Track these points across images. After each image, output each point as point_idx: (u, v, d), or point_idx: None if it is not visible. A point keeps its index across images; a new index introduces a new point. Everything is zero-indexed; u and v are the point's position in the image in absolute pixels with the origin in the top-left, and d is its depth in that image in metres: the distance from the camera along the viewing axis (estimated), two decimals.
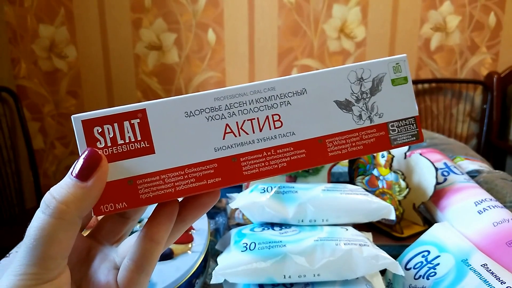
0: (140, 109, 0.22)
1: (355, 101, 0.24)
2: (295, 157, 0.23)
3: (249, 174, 0.23)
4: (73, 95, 1.74)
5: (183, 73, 1.74)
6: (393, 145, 0.24)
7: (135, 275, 0.23)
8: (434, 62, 1.76)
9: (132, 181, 0.22)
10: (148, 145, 0.22)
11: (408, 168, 0.60)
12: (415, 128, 0.25)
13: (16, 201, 1.54)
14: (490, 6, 1.70)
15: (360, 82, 0.24)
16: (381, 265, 0.40)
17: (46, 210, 0.20)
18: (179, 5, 1.67)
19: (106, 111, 0.22)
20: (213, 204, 0.25)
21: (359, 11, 1.71)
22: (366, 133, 0.24)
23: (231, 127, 0.23)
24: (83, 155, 0.21)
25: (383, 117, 0.24)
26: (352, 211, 0.46)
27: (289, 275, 0.40)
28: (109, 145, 0.22)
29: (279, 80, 0.24)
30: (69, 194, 0.20)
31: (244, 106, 0.23)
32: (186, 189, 0.22)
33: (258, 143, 0.23)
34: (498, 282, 0.37)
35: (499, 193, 0.57)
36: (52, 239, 0.20)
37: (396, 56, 0.25)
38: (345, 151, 0.24)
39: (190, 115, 0.23)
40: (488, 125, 1.73)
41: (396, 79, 0.25)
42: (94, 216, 0.22)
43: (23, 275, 0.20)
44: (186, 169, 0.22)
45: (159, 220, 0.23)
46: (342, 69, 0.24)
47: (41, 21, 1.65)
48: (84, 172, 0.21)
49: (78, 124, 0.22)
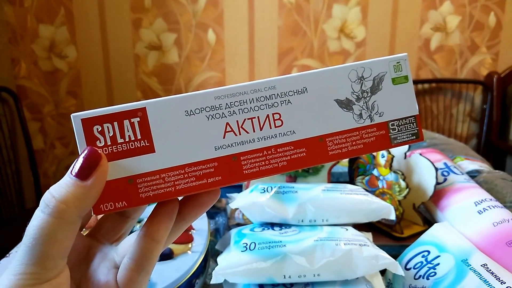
0: (140, 107, 0.22)
1: (355, 100, 0.24)
2: (295, 156, 0.23)
3: (250, 173, 0.23)
4: (73, 95, 1.74)
5: (183, 73, 1.74)
6: (393, 144, 0.24)
7: (135, 274, 0.23)
8: (434, 62, 1.76)
9: (132, 180, 0.22)
10: (148, 144, 0.22)
11: (408, 168, 0.60)
12: (415, 127, 0.25)
13: (16, 201, 1.54)
14: (490, 6, 1.70)
15: (360, 81, 0.24)
16: (381, 265, 0.40)
17: (46, 209, 0.20)
18: (179, 5, 1.67)
19: (106, 110, 0.22)
20: (213, 202, 0.25)
21: (359, 11, 1.71)
22: (366, 132, 0.24)
23: (231, 125, 0.23)
24: (83, 154, 0.21)
25: (384, 116, 0.24)
26: (352, 211, 0.46)
27: (289, 275, 0.40)
28: (109, 144, 0.22)
29: (279, 79, 0.23)
30: (69, 193, 0.20)
31: (245, 105, 0.23)
32: (186, 188, 0.22)
33: (259, 142, 0.23)
34: (498, 282, 0.37)
35: (499, 193, 0.57)
36: (51, 239, 0.20)
37: (396, 55, 0.25)
38: (346, 150, 0.24)
39: (190, 114, 0.23)
40: (488, 125, 1.73)
41: (397, 78, 0.24)
42: (94, 215, 0.22)
43: (22, 274, 0.20)
44: (186, 168, 0.22)
45: (159, 218, 0.23)
46: (343, 68, 0.24)
47: (41, 21, 1.65)
48: (83, 171, 0.20)
49: (78, 122, 0.22)
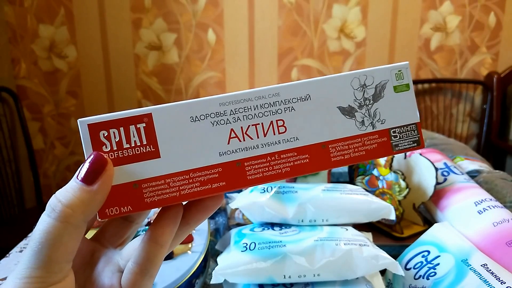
0: (146, 113, 0.22)
1: (358, 107, 0.24)
2: (298, 162, 0.24)
3: (253, 179, 0.23)
4: (73, 95, 1.74)
5: (183, 73, 1.74)
6: (395, 151, 0.25)
7: (139, 277, 0.23)
8: (434, 62, 1.76)
9: (137, 185, 0.22)
10: (154, 149, 0.22)
11: (408, 168, 0.60)
12: (417, 134, 0.25)
13: (16, 201, 1.54)
14: (490, 6, 1.70)
15: (363, 88, 0.25)
16: (381, 265, 0.40)
17: (52, 213, 0.20)
18: (179, 5, 1.67)
19: (112, 115, 0.22)
20: (217, 207, 0.25)
21: (359, 11, 1.71)
22: (368, 139, 0.24)
23: (235, 132, 0.23)
24: (89, 159, 0.21)
25: (385, 123, 0.25)
26: (352, 211, 0.46)
27: (289, 275, 0.40)
28: (114, 149, 0.22)
29: (283, 86, 0.24)
30: (75, 198, 0.20)
31: (249, 111, 0.23)
32: (191, 193, 0.23)
33: (262, 148, 0.23)
34: (498, 282, 0.37)
35: (499, 193, 0.57)
36: (57, 243, 0.20)
37: (398, 63, 0.25)
38: (348, 157, 0.24)
39: (195, 120, 0.23)
40: (488, 125, 1.73)
41: (398, 86, 0.25)
42: (99, 219, 0.22)
43: (27, 278, 0.20)
44: (191, 173, 0.23)
45: (164, 223, 0.23)
46: (346, 76, 0.24)
47: (41, 21, 1.65)
48: (89, 176, 0.21)
49: (84, 128, 0.22)
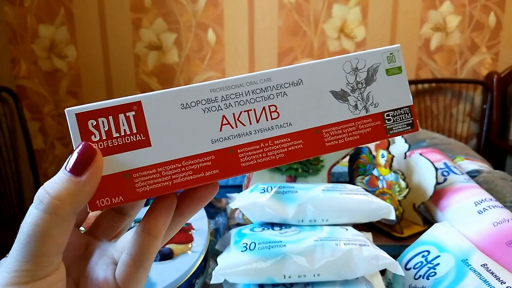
0: (135, 101, 0.22)
1: (350, 91, 0.24)
2: (292, 148, 0.23)
3: (247, 166, 0.23)
4: (73, 95, 1.74)
5: (183, 73, 1.74)
6: (389, 134, 0.24)
7: (133, 269, 0.22)
8: (434, 62, 1.76)
9: (128, 175, 0.21)
10: (144, 138, 0.22)
11: (408, 168, 0.60)
12: (410, 117, 0.25)
13: (16, 201, 1.54)
14: (490, 6, 1.70)
15: (355, 72, 0.24)
16: (381, 265, 0.40)
17: (40, 205, 0.19)
18: (179, 5, 1.67)
19: (101, 104, 0.22)
20: (212, 197, 0.24)
21: (359, 11, 1.71)
22: (362, 123, 0.24)
23: (227, 118, 0.23)
24: (77, 149, 0.21)
25: (379, 107, 0.24)
26: (352, 211, 0.46)
27: (289, 275, 0.40)
28: (104, 138, 0.21)
29: (275, 71, 0.23)
30: (63, 189, 0.20)
31: (241, 97, 0.23)
32: (184, 181, 0.22)
33: (255, 135, 0.23)
34: (498, 282, 0.37)
35: (499, 193, 0.56)
36: (45, 235, 0.19)
37: (390, 46, 0.25)
38: (342, 141, 0.24)
39: (186, 107, 0.22)
40: (488, 125, 1.73)
41: (391, 69, 0.25)
42: (90, 211, 0.22)
43: (16, 271, 0.19)
44: (183, 161, 0.22)
45: (157, 213, 0.23)
46: (337, 60, 0.24)
47: (41, 21, 1.65)
48: (78, 166, 0.20)
49: (72, 117, 0.21)
